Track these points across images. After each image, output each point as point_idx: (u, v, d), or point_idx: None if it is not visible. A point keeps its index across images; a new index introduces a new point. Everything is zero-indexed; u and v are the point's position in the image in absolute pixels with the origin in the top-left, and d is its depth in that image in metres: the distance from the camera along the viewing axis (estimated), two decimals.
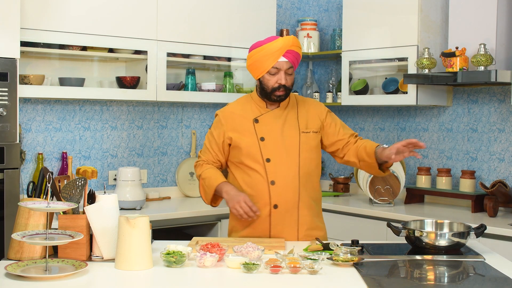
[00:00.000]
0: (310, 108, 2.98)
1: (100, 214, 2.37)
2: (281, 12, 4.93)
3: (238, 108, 2.96)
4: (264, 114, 2.91)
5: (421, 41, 4.08)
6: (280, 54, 2.79)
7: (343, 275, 2.25)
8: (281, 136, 2.87)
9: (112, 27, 3.76)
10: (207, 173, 2.88)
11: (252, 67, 2.88)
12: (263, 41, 2.85)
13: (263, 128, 2.88)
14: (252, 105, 2.95)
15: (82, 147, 4.04)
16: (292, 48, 2.81)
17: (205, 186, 2.87)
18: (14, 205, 3.14)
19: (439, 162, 4.41)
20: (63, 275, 2.13)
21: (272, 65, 2.81)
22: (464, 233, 2.57)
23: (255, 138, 2.87)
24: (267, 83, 2.85)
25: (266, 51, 2.80)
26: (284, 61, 2.81)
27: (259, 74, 2.86)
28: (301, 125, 2.92)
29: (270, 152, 2.85)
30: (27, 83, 3.56)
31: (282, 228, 2.86)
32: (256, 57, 2.83)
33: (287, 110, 2.94)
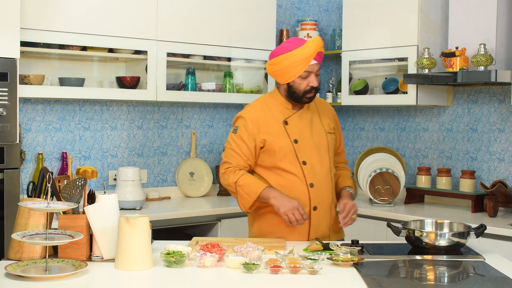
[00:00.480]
0: (326, 108, 3.02)
1: (100, 214, 2.37)
2: (281, 12, 4.94)
3: (262, 109, 2.89)
4: (292, 116, 2.89)
5: (421, 41, 4.08)
6: (312, 57, 2.78)
7: (343, 275, 2.25)
8: (311, 138, 2.87)
9: (112, 27, 3.76)
10: (245, 180, 2.81)
11: (279, 72, 2.82)
12: (290, 46, 2.79)
13: (293, 129, 2.86)
14: (277, 107, 2.90)
15: (82, 147, 4.04)
16: (320, 49, 2.82)
17: (245, 193, 2.80)
18: (14, 205, 3.14)
19: (439, 162, 4.41)
20: (63, 275, 2.13)
21: (304, 70, 2.78)
22: (464, 233, 2.57)
23: (288, 140, 2.84)
24: (299, 87, 2.82)
25: (297, 57, 2.76)
26: (315, 63, 2.81)
27: (289, 79, 2.81)
28: (325, 125, 2.94)
29: (305, 154, 2.84)
30: (27, 83, 3.56)
31: (320, 229, 2.86)
32: (286, 63, 2.78)
33: (310, 110, 2.94)
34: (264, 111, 2.88)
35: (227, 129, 4.69)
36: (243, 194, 2.81)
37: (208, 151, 4.60)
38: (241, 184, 2.80)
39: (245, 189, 2.80)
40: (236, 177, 2.82)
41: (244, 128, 2.85)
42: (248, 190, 2.79)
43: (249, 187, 2.79)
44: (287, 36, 4.82)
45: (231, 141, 2.88)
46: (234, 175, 2.83)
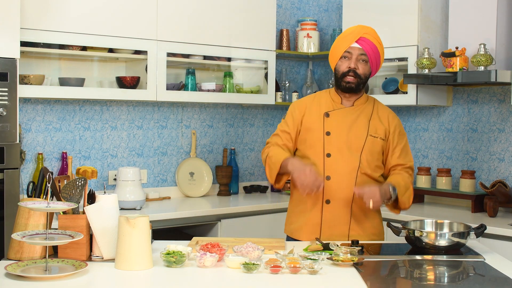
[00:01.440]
0: (385, 117, 2.96)
1: (100, 214, 2.37)
2: (281, 12, 4.94)
3: (312, 101, 2.99)
4: (337, 110, 2.93)
5: (421, 41, 4.08)
6: (353, 39, 2.84)
7: (343, 275, 2.25)
8: (347, 133, 2.88)
9: (112, 27, 3.76)
10: (273, 152, 2.89)
11: (330, 56, 2.95)
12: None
13: (332, 122, 2.90)
14: (327, 99, 2.97)
15: (82, 147, 4.04)
16: (365, 36, 2.84)
17: (271, 164, 2.87)
18: (14, 205, 3.14)
19: (439, 162, 4.41)
20: (63, 275, 2.13)
21: (344, 49, 2.85)
22: (464, 233, 2.57)
23: (321, 132, 2.89)
24: (339, 68, 2.89)
25: (340, 38, 2.89)
26: (357, 46, 2.84)
27: (334, 61, 2.92)
28: (370, 128, 2.91)
29: (332, 147, 2.86)
30: (27, 83, 3.56)
31: (333, 223, 2.86)
32: (333, 47, 2.91)
33: (360, 109, 2.93)
34: (313, 102, 2.98)
35: (227, 129, 4.69)
36: (270, 165, 2.88)
37: (208, 151, 4.60)
38: (270, 156, 2.89)
39: (272, 160, 2.87)
40: (268, 151, 2.93)
41: (291, 113, 2.98)
42: (274, 160, 2.85)
43: (275, 157, 2.86)
44: (287, 36, 4.82)
45: (278, 125, 3.02)
46: (268, 150, 2.94)
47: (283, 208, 4.24)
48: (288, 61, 5.01)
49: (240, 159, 4.76)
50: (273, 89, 4.52)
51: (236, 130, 4.74)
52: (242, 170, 4.77)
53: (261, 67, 4.53)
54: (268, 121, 4.92)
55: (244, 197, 4.50)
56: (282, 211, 4.22)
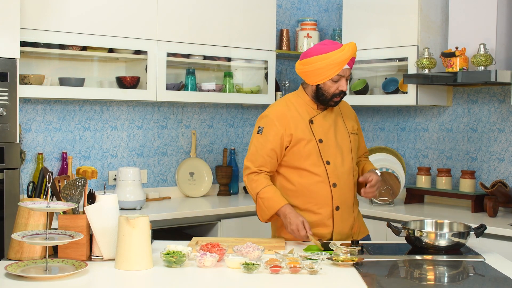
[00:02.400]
0: (349, 110, 3.02)
1: (100, 214, 2.37)
2: (281, 12, 4.94)
3: (288, 107, 2.87)
4: (317, 115, 2.88)
5: (421, 41, 4.08)
6: (346, 62, 2.76)
7: (343, 275, 2.25)
8: (335, 138, 2.87)
9: (112, 27, 3.76)
10: (267, 193, 2.78)
11: (311, 73, 2.79)
12: (326, 48, 2.77)
13: (318, 129, 2.86)
14: (302, 105, 2.88)
15: (82, 147, 4.04)
16: (354, 55, 2.80)
17: (264, 207, 2.78)
18: (14, 205, 3.14)
19: (439, 162, 4.41)
20: (63, 275, 2.13)
21: (337, 73, 2.76)
22: (464, 233, 2.57)
23: (313, 139, 2.83)
24: (328, 90, 2.80)
25: (332, 60, 2.74)
26: (347, 68, 2.79)
27: (319, 80, 2.79)
28: (348, 126, 2.94)
29: (329, 154, 2.84)
30: (27, 83, 3.56)
31: (342, 229, 2.87)
32: (319, 65, 2.75)
33: (334, 111, 2.93)
34: (290, 108, 2.86)
35: (227, 129, 4.69)
36: (262, 207, 2.80)
37: (208, 151, 4.60)
38: (262, 197, 2.78)
39: (265, 203, 2.78)
40: (258, 188, 2.79)
41: (270, 126, 2.82)
42: (267, 204, 2.77)
43: (268, 202, 2.77)
44: (287, 36, 4.82)
45: (255, 142, 2.85)
46: (256, 184, 2.80)
47: None
48: (288, 61, 5.01)
49: (240, 159, 4.76)
50: (273, 89, 4.52)
51: (236, 130, 4.74)
52: (242, 170, 4.76)
53: (261, 67, 4.53)
54: None
55: (244, 197, 4.50)
56: None
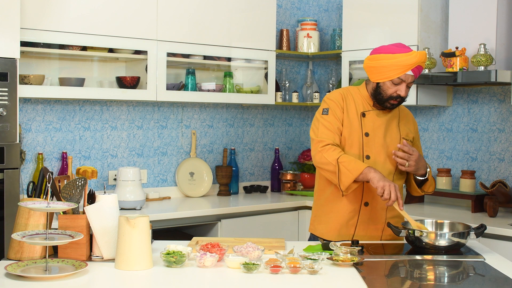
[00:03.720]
0: (409, 118, 3.00)
1: (100, 214, 2.37)
2: (281, 12, 4.94)
3: (345, 96, 2.89)
4: (372, 111, 2.88)
5: (421, 41, 4.08)
6: (411, 68, 2.74)
7: (343, 275, 2.25)
8: (383, 136, 2.86)
9: (112, 27, 3.76)
10: (347, 157, 2.73)
11: (375, 70, 2.80)
12: (396, 49, 2.77)
13: (368, 123, 2.86)
14: (359, 98, 2.90)
15: (82, 147, 4.04)
16: (421, 64, 2.78)
17: (347, 169, 2.70)
18: (14, 205, 3.14)
19: (439, 162, 4.41)
20: (63, 275, 2.13)
21: (398, 76, 2.75)
22: (464, 233, 2.57)
23: (360, 131, 2.84)
24: (386, 90, 2.80)
25: (397, 61, 2.73)
26: (411, 74, 2.77)
27: (381, 79, 2.79)
28: (402, 131, 2.92)
29: (371, 149, 2.84)
30: (27, 83, 3.56)
31: (367, 226, 2.86)
32: (385, 63, 2.75)
33: (391, 113, 2.92)
34: (346, 97, 2.88)
35: (227, 129, 4.69)
36: (344, 171, 2.72)
37: (208, 151, 4.60)
38: (343, 161, 2.72)
39: (347, 166, 2.71)
40: (337, 155, 2.74)
41: (334, 107, 2.84)
42: (351, 167, 2.71)
43: (351, 164, 2.71)
44: (287, 36, 4.82)
45: (322, 120, 2.84)
46: (333, 153, 2.75)
47: (283, 208, 4.24)
48: (288, 61, 5.01)
49: (240, 159, 4.76)
50: (273, 89, 4.52)
51: (236, 130, 4.74)
52: (242, 170, 4.77)
53: (261, 67, 4.53)
54: (268, 121, 4.92)
55: (244, 197, 4.50)
56: (282, 211, 4.23)
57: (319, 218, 2.95)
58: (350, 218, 2.86)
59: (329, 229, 2.88)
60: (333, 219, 2.88)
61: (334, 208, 2.88)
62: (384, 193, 2.63)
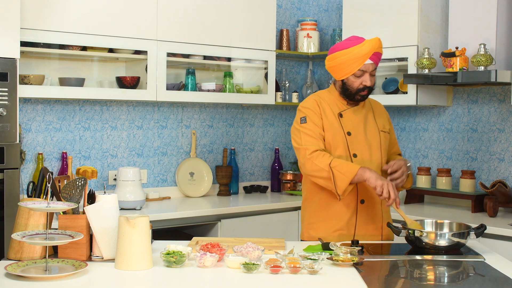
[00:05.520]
0: (382, 110, 3.05)
1: (100, 214, 2.37)
2: (281, 12, 4.93)
3: (319, 102, 2.91)
4: (348, 110, 2.92)
5: (421, 41, 4.08)
6: (368, 57, 2.80)
7: (343, 275, 2.25)
8: (364, 133, 2.90)
9: (112, 27, 3.76)
10: (338, 161, 2.74)
11: (335, 68, 2.86)
12: (348, 43, 2.82)
13: (347, 123, 2.89)
14: (332, 101, 2.93)
15: (82, 147, 4.04)
16: (378, 50, 2.82)
17: (342, 173, 2.70)
18: (14, 205, 3.14)
19: (439, 162, 4.41)
20: (63, 275, 2.13)
21: (358, 68, 2.80)
22: (464, 233, 2.57)
23: (341, 132, 2.86)
24: (352, 85, 2.85)
25: (352, 55, 2.79)
26: (370, 63, 2.82)
27: (343, 75, 2.85)
28: (379, 124, 2.97)
29: (356, 147, 2.86)
30: (27, 83, 3.56)
31: (367, 224, 2.87)
32: (341, 60, 2.81)
33: (365, 108, 2.97)
34: (321, 102, 2.91)
35: (227, 129, 4.69)
36: (339, 175, 2.72)
37: (208, 151, 4.60)
38: (336, 165, 2.73)
39: (341, 169, 2.72)
40: (327, 160, 2.74)
41: (312, 114, 2.86)
42: (344, 170, 2.72)
43: (344, 167, 2.72)
44: (287, 36, 4.82)
45: (302, 129, 2.85)
46: (323, 158, 2.75)
47: (283, 208, 4.24)
48: (288, 61, 5.01)
49: (240, 159, 4.76)
50: (273, 89, 4.52)
51: (236, 130, 4.74)
52: (242, 170, 4.77)
53: (261, 67, 4.53)
54: (268, 121, 4.92)
55: (244, 197, 4.50)
56: (282, 211, 4.23)
57: (314, 225, 2.93)
58: (349, 219, 2.86)
59: (328, 233, 2.88)
60: (332, 223, 2.88)
61: (330, 211, 2.87)
62: (383, 191, 2.64)
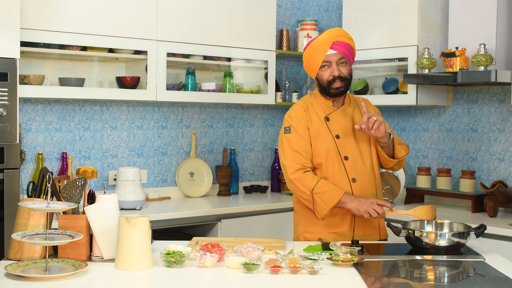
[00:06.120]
0: (369, 108, 3.03)
1: (100, 214, 2.37)
2: (281, 12, 4.93)
3: (306, 108, 2.91)
4: (334, 112, 2.90)
5: (421, 41, 4.08)
6: (327, 46, 2.79)
7: (343, 275, 2.25)
8: (353, 133, 2.88)
9: (112, 27, 3.76)
10: (322, 187, 2.74)
11: (307, 67, 2.90)
12: (312, 40, 2.87)
13: (335, 125, 2.88)
14: (319, 105, 2.92)
15: (82, 147, 4.04)
16: (338, 39, 2.81)
17: (323, 201, 2.73)
18: (14, 205, 3.14)
19: (439, 162, 4.41)
20: (63, 275, 2.13)
21: (322, 60, 2.80)
22: (464, 233, 2.57)
23: (330, 136, 2.85)
24: (322, 78, 2.85)
25: (313, 49, 2.83)
26: (333, 53, 2.81)
27: (313, 72, 2.87)
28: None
29: (347, 149, 2.85)
30: (27, 83, 3.56)
31: (364, 225, 2.87)
32: (307, 56, 2.86)
33: (351, 107, 2.95)
34: (308, 109, 2.90)
35: (227, 129, 4.69)
36: (320, 202, 2.74)
37: (208, 151, 4.60)
38: (318, 192, 2.74)
39: (323, 197, 2.73)
40: (312, 184, 2.75)
41: (297, 123, 2.86)
42: (326, 198, 2.73)
43: (326, 195, 2.73)
44: (287, 36, 4.82)
45: (287, 142, 2.85)
46: (306, 181, 2.76)
47: (283, 208, 4.24)
48: (288, 61, 5.01)
49: (240, 159, 4.76)
50: (273, 89, 4.52)
51: (236, 130, 4.74)
52: (242, 170, 4.77)
53: (261, 67, 4.53)
54: (268, 121, 4.92)
55: (244, 197, 4.50)
56: (282, 211, 4.23)
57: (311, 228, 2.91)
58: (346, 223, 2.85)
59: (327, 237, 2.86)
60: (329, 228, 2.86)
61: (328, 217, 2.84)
62: (371, 214, 2.69)
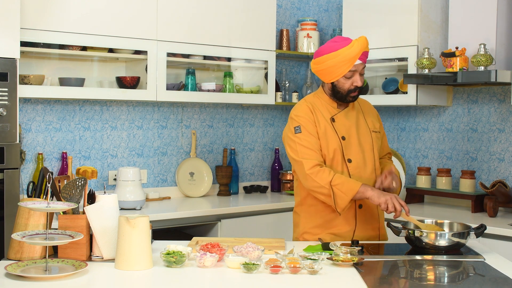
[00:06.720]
0: (370, 109, 3.02)
1: (100, 214, 2.37)
2: (281, 12, 4.93)
3: (311, 108, 2.87)
4: (338, 114, 2.88)
5: (421, 41, 4.08)
6: (357, 58, 2.75)
7: (343, 275, 2.25)
8: (357, 136, 2.87)
9: (112, 27, 3.76)
10: (340, 179, 2.71)
11: (324, 72, 2.80)
12: (335, 46, 2.77)
13: (341, 127, 2.86)
14: (323, 105, 2.89)
15: (82, 147, 4.04)
16: (366, 49, 2.79)
17: (342, 192, 2.69)
18: (14, 205, 3.14)
19: (439, 162, 4.41)
20: (63, 275, 2.13)
21: (349, 69, 2.76)
22: (464, 233, 2.57)
23: (336, 137, 2.83)
24: (343, 86, 2.80)
25: (342, 57, 2.74)
26: (360, 63, 2.78)
27: (333, 78, 2.79)
28: (369, 124, 2.94)
29: (351, 152, 2.83)
30: (27, 83, 3.56)
31: (365, 228, 2.86)
32: (331, 63, 2.76)
33: (355, 109, 2.94)
34: (313, 108, 2.87)
35: (227, 129, 4.69)
36: (339, 194, 2.71)
37: (208, 151, 4.60)
38: (336, 183, 2.71)
39: (342, 188, 2.70)
40: (329, 177, 2.72)
41: (305, 122, 2.82)
42: (345, 189, 2.70)
43: (345, 185, 2.70)
44: (287, 36, 4.82)
45: (297, 140, 2.80)
46: (324, 175, 2.73)
47: (283, 208, 4.24)
48: (288, 61, 5.01)
49: (240, 159, 4.76)
50: (273, 89, 4.52)
51: (236, 130, 4.74)
52: (242, 170, 4.77)
53: (261, 67, 4.53)
54: (268, 121, 4.92)
55: (244, 197, 4.50)
56: (282, 211, 4.23)
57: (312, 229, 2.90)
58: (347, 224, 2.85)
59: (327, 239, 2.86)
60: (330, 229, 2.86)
61: (327, 218, 2.86)
62: (389, 207, 2.65)
